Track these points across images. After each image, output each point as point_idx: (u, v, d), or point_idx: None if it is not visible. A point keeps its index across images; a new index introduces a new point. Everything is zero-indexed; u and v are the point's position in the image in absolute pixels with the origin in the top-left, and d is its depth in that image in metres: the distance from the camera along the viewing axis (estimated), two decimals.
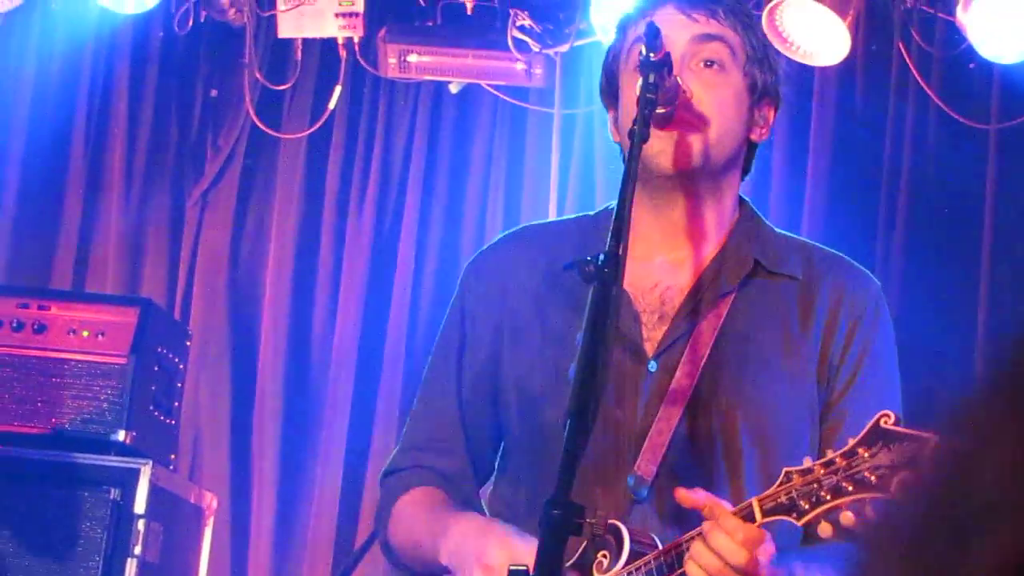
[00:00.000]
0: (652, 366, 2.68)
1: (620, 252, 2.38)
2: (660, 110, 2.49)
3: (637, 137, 2.46)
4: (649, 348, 2.69)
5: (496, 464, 2.92)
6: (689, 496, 2.46)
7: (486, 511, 2.84)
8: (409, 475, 2.90)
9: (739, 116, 2.71)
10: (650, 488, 2.62)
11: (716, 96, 2.65)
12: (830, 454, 2.27)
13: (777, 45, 5.14)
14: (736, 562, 2.39)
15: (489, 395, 2.84)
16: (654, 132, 2.49)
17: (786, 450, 2.74)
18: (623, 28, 2.79)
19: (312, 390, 5.93)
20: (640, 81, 2.49)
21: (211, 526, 5.10)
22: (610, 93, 2.79)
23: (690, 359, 2.69)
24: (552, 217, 5.19)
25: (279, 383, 5.93)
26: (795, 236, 2.93)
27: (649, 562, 2.50)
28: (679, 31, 2.63)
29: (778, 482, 2.48)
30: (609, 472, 2.62)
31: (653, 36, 2.46)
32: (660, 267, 2.74)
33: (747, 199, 2.84)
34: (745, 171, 2.82)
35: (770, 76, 2.77)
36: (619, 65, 2.75)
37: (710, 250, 2.75)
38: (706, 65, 2.65)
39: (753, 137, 2.76)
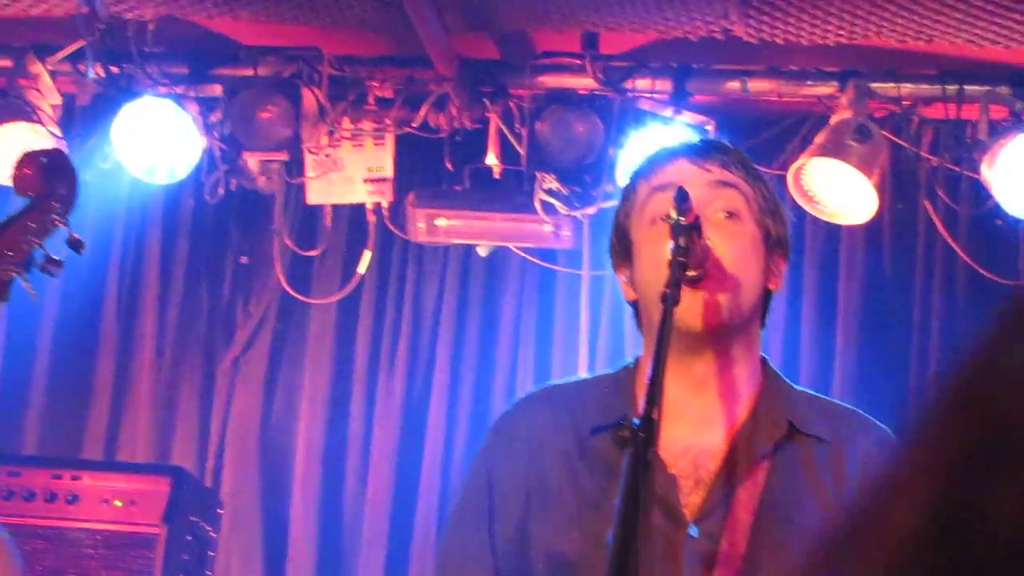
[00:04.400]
0: (693, 531, 2.65)
1: (655, 416, 2.37)
2: (691, 273, 2.51)
3: (670, 301, 2.48)
4: (688, 513, 2.66)
5: None
6: None
7: None
8: None
9: (758, 266, 2.73)
10: None
11: (737, 248, 2.67)
12: None
13: (804, 204, 5.25)
14: None
15: (518, 566, 2.80)
16: (684, 292, 2.51)
17: None
18: (633, 184, 2.81)
19: (344, 559, 5.88)
20: (671, 245, 2.50)
21: None
22: (622, 252, 2.79)
23: (733, 526, 2.68)
24: (580, 375, 5.16)
25: (311, 552, 5.89)
26: (813, 393, 2.93)
27: None
28: (694, 181, 2.65)
29: None
30: None
31: (682, 200, 2.49)
32: (690, 429, 2.71)
33: (767, 357, 2.84)
34: (763, 322, 2.84)
35: (782, 227, 2.79)
36: (631, 221, 2.76)
37: (741, 410, 2.74)
38: (725, 216, 2.67)
39: (770, 287, 2.77)
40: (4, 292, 3.17)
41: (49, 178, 3.30)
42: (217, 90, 5.61)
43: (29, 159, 3.32)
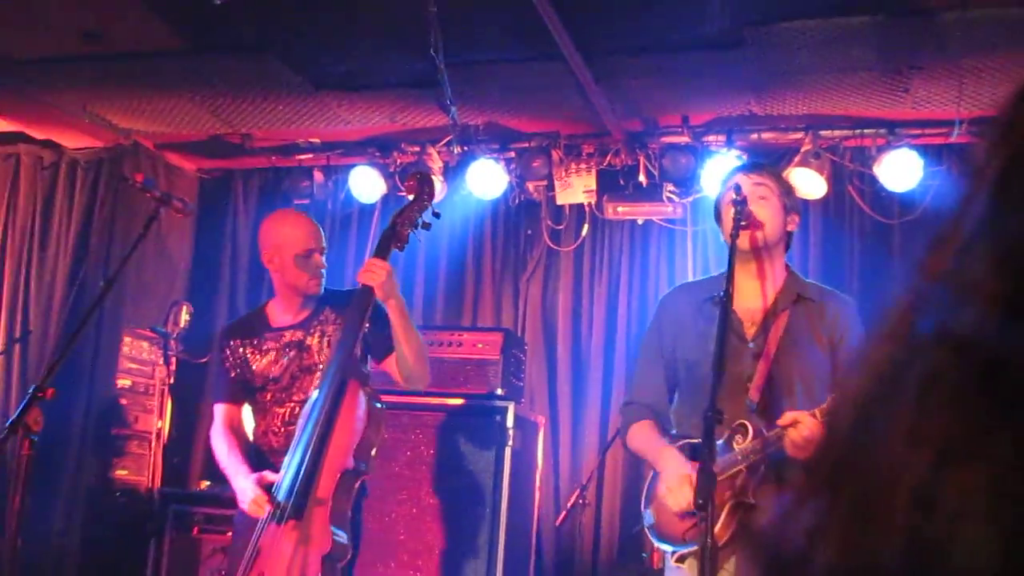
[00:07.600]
0: (751, 346, 3.46)
1: (731, 292, 3.24)
2: (743, 223, 3.38)
3: (735, 240, 3.40)
4: (748, 337, 3.49)
5: (673, 400, 3.68)
6: (785, 418, 3.19)
7: (672, 421, 3.61)
8: (640, 409, 3.69)
9: (779, 220, 3.59)
10: (756, 405, 3.33)
11: (766, 212, 3.53)
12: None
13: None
14: (811, 436, 3.12)
15: (671, 369, 3.64)
16: (741, 234, 3.36)
17: (819, 392, 3.41)
18: (721, 188, 3.70)
19: (582, 369, 7.75)
20: (733, 212, 3.43)
21: (542, 433, 6.76)
22: (717, 217, 3.71)
23: (770, 343, 3.40)
24: (689, 278, 6.59)
25: (568, 365, 7.83)
26: (815, 282, 3.75)
27: (764, 440, 3.19)
28: (745, 182, 3.57)
29: (819, 407, 3.16)
30: (735, 396, 3.35)
31: (739, 192, 3.45)
32: (749, 299, 3.53)
33: (790, 264, 3.65)
34: (787, 246, 3.69)
35: (793, 202, 3.63)
36: (721, 203, 3.65)
37: (773, 290, 3.53)
38: (759, 197, 3.53)
39: (789, 228, 3.64)
40: (406, 241, 4.01)
41: (421, 185, 4.19)
42: (512, 154, 7.66)
43: (411, 176, 4.25)
